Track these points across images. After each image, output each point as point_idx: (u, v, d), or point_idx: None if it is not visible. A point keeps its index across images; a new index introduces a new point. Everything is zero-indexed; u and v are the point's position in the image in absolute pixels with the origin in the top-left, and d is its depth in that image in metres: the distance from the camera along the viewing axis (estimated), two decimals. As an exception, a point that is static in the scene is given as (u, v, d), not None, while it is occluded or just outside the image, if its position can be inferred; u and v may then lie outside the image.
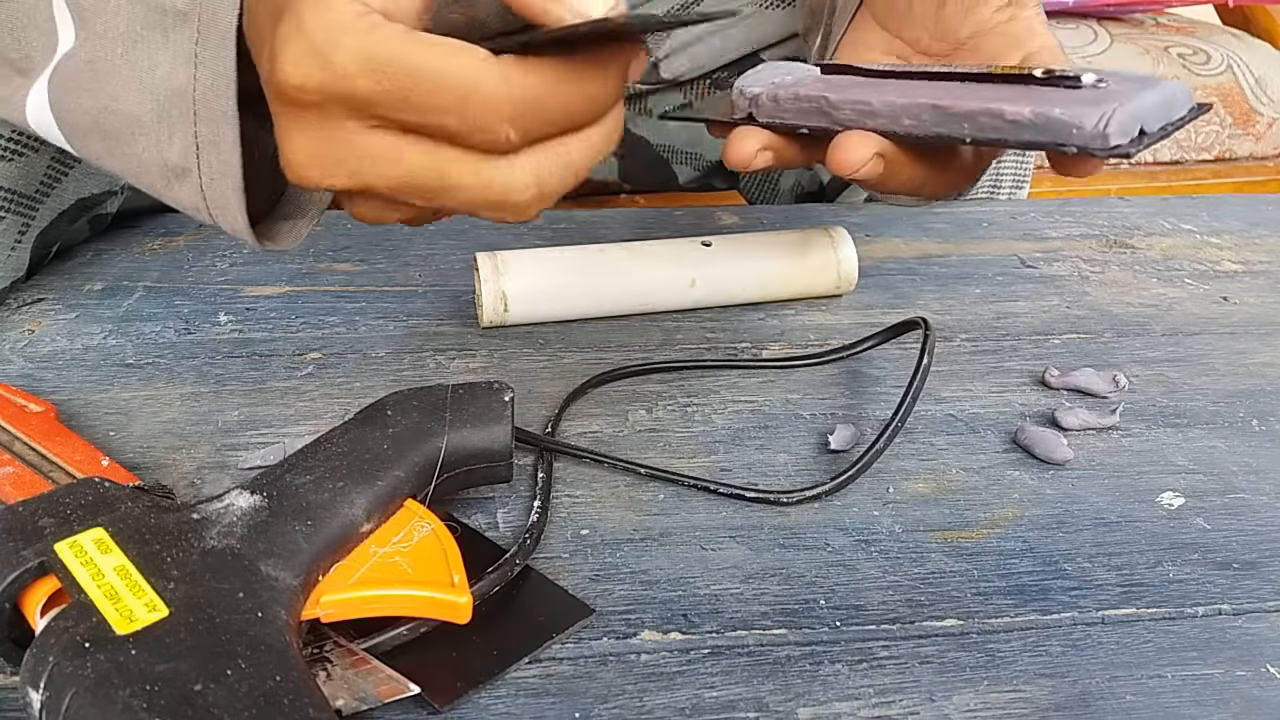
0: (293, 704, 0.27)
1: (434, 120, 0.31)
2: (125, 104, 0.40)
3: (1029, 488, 0.43)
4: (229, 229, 0.41)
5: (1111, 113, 0.37)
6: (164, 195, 0.42)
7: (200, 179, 0.40)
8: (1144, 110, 0.38)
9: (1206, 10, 1.64)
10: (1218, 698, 0.33)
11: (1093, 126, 0.37)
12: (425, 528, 0.34)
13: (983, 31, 0.49)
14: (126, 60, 0.39)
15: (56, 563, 0.30)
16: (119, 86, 0.39)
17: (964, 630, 0.35)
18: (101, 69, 0.40)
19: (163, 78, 0.39)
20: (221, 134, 0.39)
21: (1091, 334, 0.55)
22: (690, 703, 0.32)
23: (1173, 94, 0.40)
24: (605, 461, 0.42)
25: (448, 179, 0.32)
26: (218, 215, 0.41)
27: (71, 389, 0.47)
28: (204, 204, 0.40)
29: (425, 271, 0.59)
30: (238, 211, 0.40)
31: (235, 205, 0.40)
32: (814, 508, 0.41)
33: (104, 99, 0.40)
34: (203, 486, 0.41)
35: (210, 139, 0.39)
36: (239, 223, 0.40)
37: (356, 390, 0.48)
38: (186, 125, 0.39)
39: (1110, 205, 0.73)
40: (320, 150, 0.32)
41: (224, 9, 0.37)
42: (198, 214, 0.41)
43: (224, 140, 0.39)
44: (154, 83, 0.39)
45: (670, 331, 0.54)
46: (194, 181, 0.40)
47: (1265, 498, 0.42)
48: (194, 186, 0.40)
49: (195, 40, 0.38)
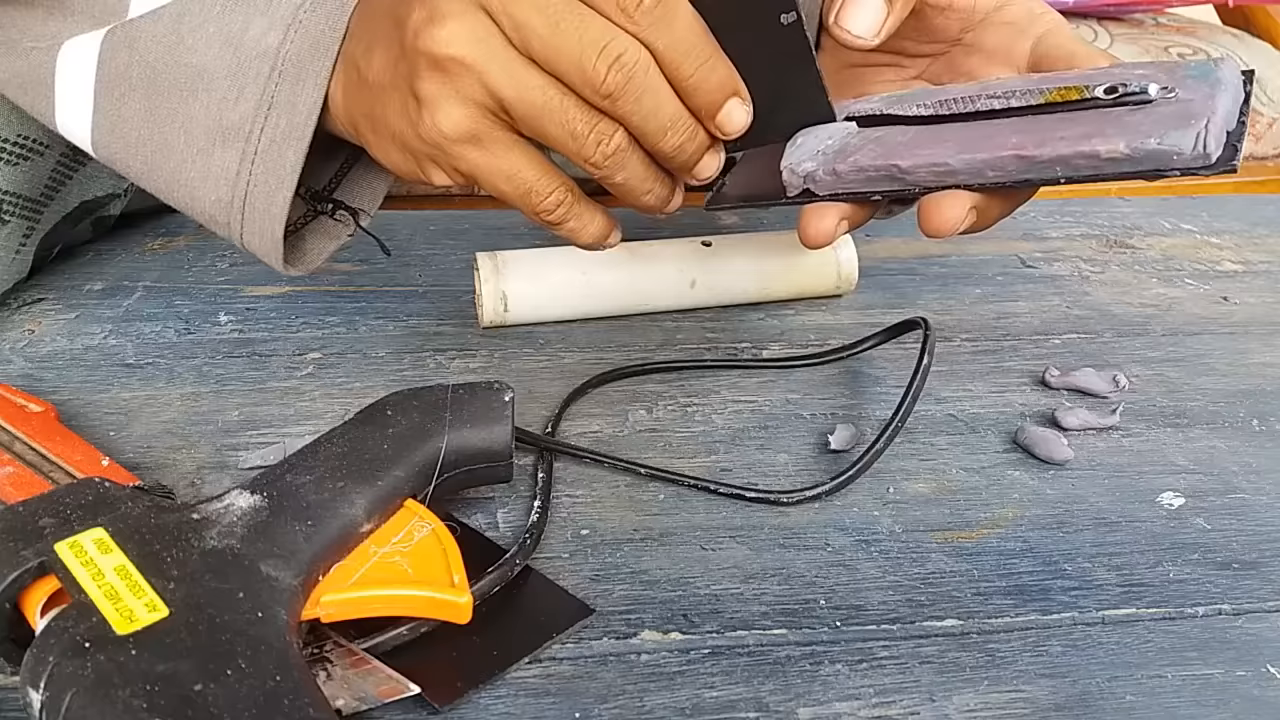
0: (293, 704, 0.27)
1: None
2: (200, 57, 0.40)
3: (1029, 488, 0.43)
4: (258, 206, 0.41)
5: (1205, 130, 0.36)
6: (186, 168, 0.42)
7: (258, 141, 0.40)
8: (1219, 112, 0.37)
9: (1206, 10, 1.64)
10: (1218, 698, 0.33)
11: (1192, 150, 0.36)
12: (425, 528, 0.34)
13: (976, 24, 0.48)
14: (220, 17, 0.40)
15: (57, 563, 0.29)
16: (201, 41, 0.40)
17: (964, 630, 0.35)
18: (188, 24, 0.40)
19: (253, 37, 0.40)
20: (304, 94, 0.39)
21: (1091, 334, 0.55)
22: (690, 703, 0.32)
23: (1234, 82, 0.39)
24: (605, 461, 0.42)
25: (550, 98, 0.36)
26: (255, 185, 0.41)
27: (72, 389, 0.47)
28: (249, 169, 0.41)
29: (425, 271, 0.59)
30: (290, 176, 0.40)
31: (289, 170, 0.40)
32: (814, 508, 0.41)
33: (178, 52, 0.40)
34: (203, 486, 0.41)
35: (288, 99, 0.39)
36: (279, 194, 0.41)
37: (356, 390, 0.48)
38: (262, 84, 0.40)
39: (1110, 205, 0.73)
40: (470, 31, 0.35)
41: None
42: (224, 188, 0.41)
43: (304, 100, 0.39)
44: (243, 41, 0.40)
45: (670, 331, 0.54)
46: (246, 144, 0.40)
47: (1265, 498, 0.42)
48: (243, 150, 0.40)
49: (303, 8, 0.39)
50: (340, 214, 0.46)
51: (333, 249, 0.47)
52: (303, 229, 0.47)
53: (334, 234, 0.47)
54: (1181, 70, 0.40)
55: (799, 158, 0.43)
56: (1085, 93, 0.40)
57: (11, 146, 0.51)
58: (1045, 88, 0.41)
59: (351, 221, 0.46)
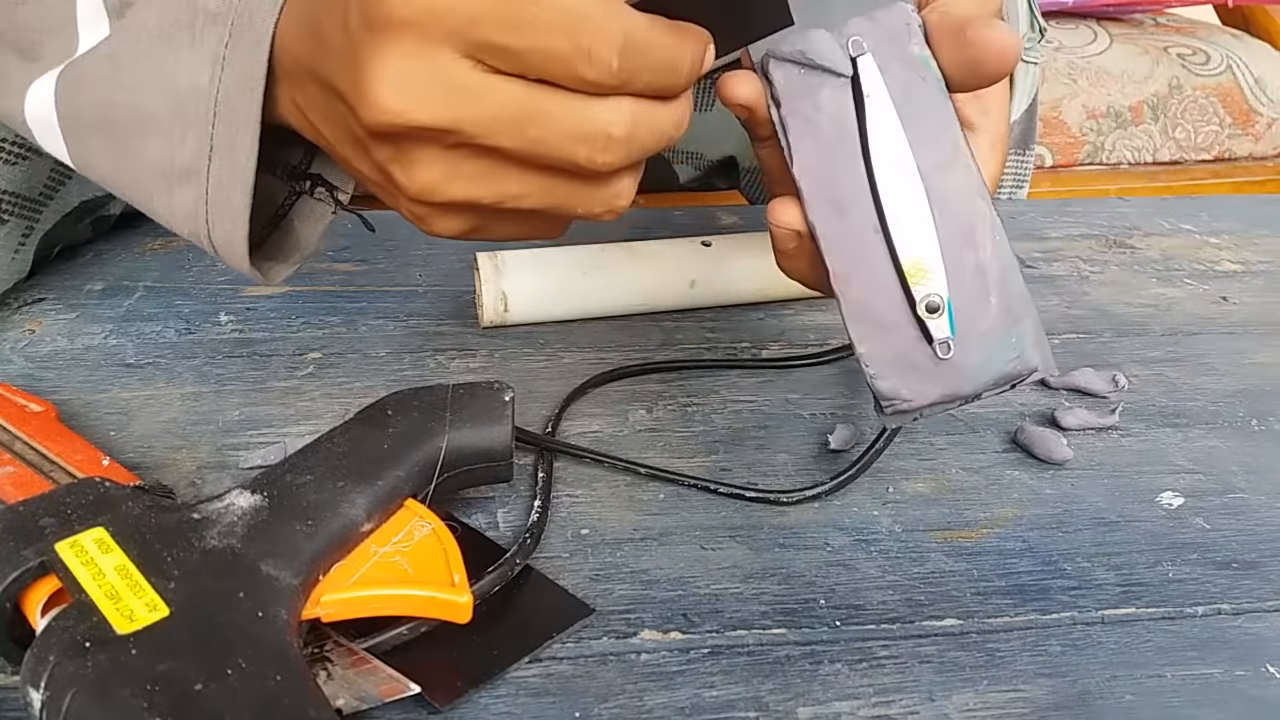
0: (293, 704, 0.27)
1: (539, 42, 0.31)
2: (142, 99, 0.39)
3: (1029, 487, 0.43)
4: (221, 242, 0.41)
5: None
6: (156, 203, 0.41)
7: (207, 182, 0.39)
8: None
9: (1206, 10, 1.64)
10: (1218, 698, 0.33)
11: None
12: (425, 527, 0.34)
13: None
14: (151, 57, 0.39)
15: (57, 562, 0.30)
16: (139, 81, 0.39)
17: (964, 630, 0.35)
18: (123, 63, 0.40)
19: (186, 77, 0.39)
20: (239, 137, 0.38)
21: (1091, 334, 0.55)
22: (690, 702, 0.32)
23: None
24: (605, 461, 0.42)
25: (540, 108, 0.32)
26: (215, 224, 0.40)
27: (72, 389, 0.47)
28: (204, 209, 0.40)
29: (425, 271, 0.59)
30: (240, 216, 0.40)
31: (239, 213, 0.40)
32: (814, 507, 0.41)
33: (119, 93, 0.40)
34: (203, 486, 0.41)
35: (226, 140, 0.39)
36: (236, 237, 0.40)
37: (357, 390, 0.48)
38: (203, 126, 0.39)
39: (1110, 205, 0.73)
40: (414, 77, 0.31)
41: (260, 13, 0.37)
42: (191, 223, 0.41)
43: (241, 143, 0.39)
44: (176, 81, 0.39)
45: (670, 331, 0.54)
46: (199, 185, 0.40)
47: (1265, 497, 0.42)
48: (197, 191, 0.40)
49: (225, 43, 0.38)
50: (320, 191, 0.46)
51: (322, 229, 0.46)
52: (289, 214, 0.46)
53: (319, 214, 0.46)
54: None
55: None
56: None
57: (10, 146, 0.51)
58: None
59: (330, 199, 0.45)
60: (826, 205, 0.36)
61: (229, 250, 0.41)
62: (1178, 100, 1.41)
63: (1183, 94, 1.40)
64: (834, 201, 0.36)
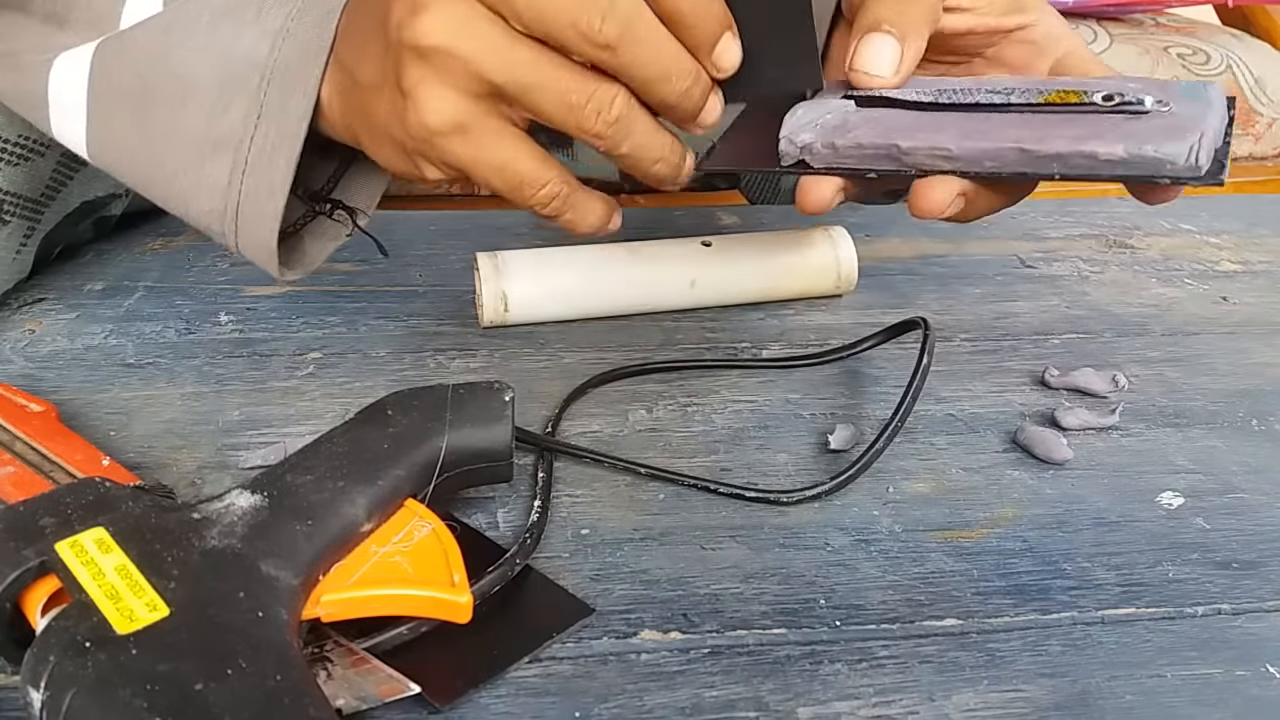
0: (293, 704, 0.27)
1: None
2: (190, 68, 0.40)
3: (1029, 487, 0.43)
4: (248, 216, 0.41)
5: (1199, 143, 0.38)
6: (180, 178, 0.41)
7: (248, 151, 0.40)
8: (1215, 133, 0.40)
9: (1206, 10, 1.64)
10: (1218, 698, 0.33)
11: (1185, 161, 0.38)
12: (425, 527, 0.34)
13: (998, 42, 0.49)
14: (209, 29, 0.40)
15: (57, 562, 0.30)
16: (191, 52, 0.40)
17: (964, 630, 0.35)
18: (177, 35, 0.40)
19: (243, 49, 0.39)
20: (291, 103, 0.39)
21: (1091, 334, 0.55)
22: (690, 702, 0.32)
23: (1220, 103, 0.42)
24: (605, 461, 0.42)
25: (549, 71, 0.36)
26: (246, 197, 0.41)
27: (72, 389, 0.47)
28: (240, 179, 0.40)
29: (425, 271, 0.59)
30: (279, 189, 0.40)
31: (280, 182, 0.40)
32: (814, 507, 0.41)
33: (168, 63, 0.40)
34: (203, 486, 0.41)
35: (277, 108, 0.39)
36: (269, 208, 0.41)
37: (357, 390, 0.48)
38: (252, 94, 0.39)
39: (1110, 205, 0.73)
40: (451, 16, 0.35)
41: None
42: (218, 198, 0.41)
43: (292, 110, 0.39)
44: (232, 52, 0.40)
45: (670, 331, 0.54)
46: (238, 153, 0.40)
47: (1265, 497, 0.42)
48: (235, 159, 0.40)
49: (291, 16, 0.39)
50: (338, 214, 0.46)
51: (331, 249, 0.47)
52: (301, 230, 0.47)
53: (332, 234, 0.47)
54: (1174, 88, 0.42)
55: (796, 128, 0.43)
56: (1084, 97, 0.41)
57: (12, 147, 0.51)
58: (1044, 89, 0.42)
59: (349, 222, 0.46)
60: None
61: (258, 223, 0.41)
62: (1178, 100, 1.41)
63: (1183, 94, 1.40)
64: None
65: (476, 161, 0.38)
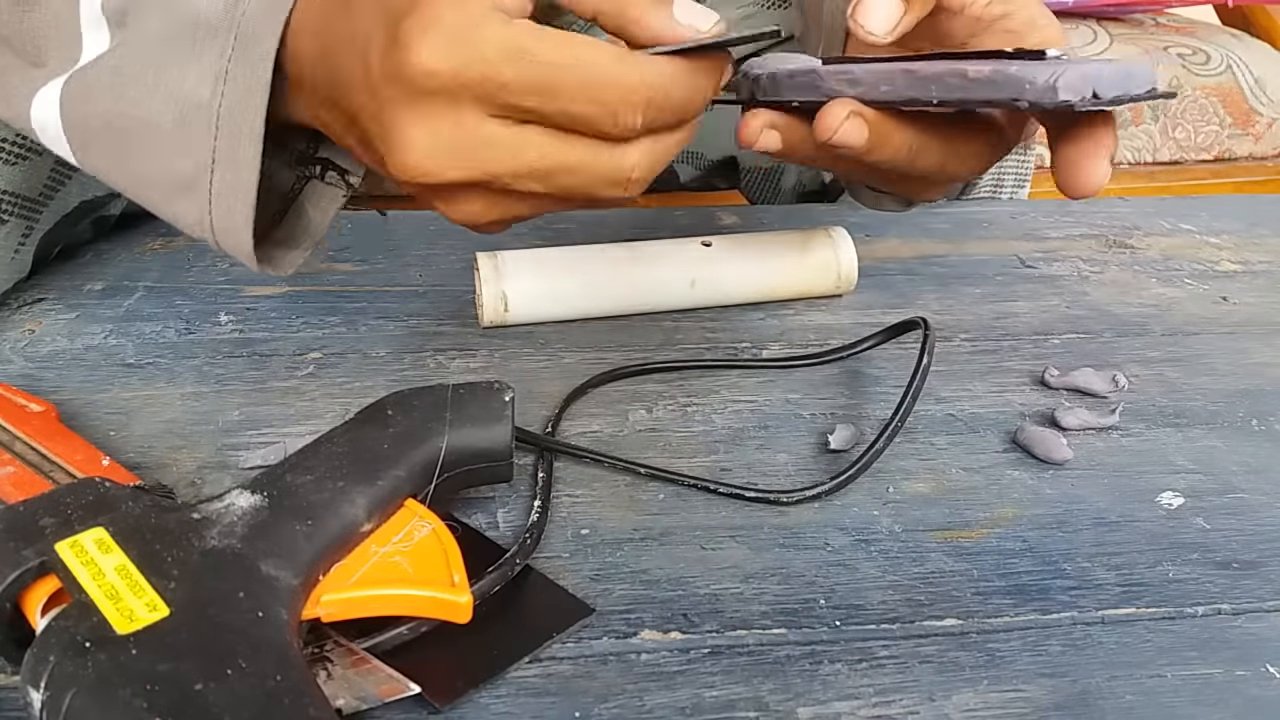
0: (293, 704, 0.27)
1: (567, 107, 0.33)
2: (146, 110, 0.40)
3: (1029, 487, 0.43)
4: (228, 246, 0.41)
5: (1062, 71, 0.38)
6: (162, 208, 0.42)
7: (210, 193, 0.40)
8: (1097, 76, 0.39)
9: (1206, 10, 1.64)
10: (1218, 698, 0.33)
11: (1043, 81, 0.38)
12: (425, 527, 0.34)
13: (981, 31, 0.49)
14: (154, 68, 0.40)
15: (57, 562, 0.30)
16: (143, 94, 0.40)
17: (964, 630, 0.35)
18: (127, 75, 0.40)
19: (189, 89, 0.39)
20: (242, 151, 0.39)
21: (1091, 334, 0.55)
22: (690, 702, 0.32)
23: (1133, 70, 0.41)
24: (605, 461, 0.42)
25: (568, 161, 0.34)
26: (220, 232, 0.41)
27: (72, 389, 0.47)
28: (208, 218, 0.41)
29: (425, 271, 0.59)
30: (243, 230, 0.40)
31: (242, 223, 0.40)
32: (814, 507, 0.41)
33: (123, 105, 0.40)
34: (203, 486, 0.41)
35: (228, 154, 0.39)
36: (241, 242, 0.41)
37: (357, 390, 0.48)
38: (204, 139, 0.39)
39: (1110, 205, 0.73)
40: (443, 140, 0.34)
41: (266, 29, 0.38)
42: (197, 228, 0.41)
43: (244, 157, 0.39)
44: (180, 92, 0.39)
45: (670, 331, 0.54)
46: (201, 196, 0.40)
47: (1265, 497, 0.42)
48: (200, 201, 0.40)
49: (228, 57, 0.39)
50: (330, 175, 0.46)
51: (334, 212, 0.46)
52: (299, 198, 0.46)
53: (330, 197, 0.47)
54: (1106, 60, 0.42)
55: (756, 65, 0.45)
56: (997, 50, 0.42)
57: (11, 146, 0.51)
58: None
59: (343, 182, 0.46)
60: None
61: (237, 254, 0.42)
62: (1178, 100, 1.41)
63: (1183, 94, 1.40)
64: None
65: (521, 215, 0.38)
